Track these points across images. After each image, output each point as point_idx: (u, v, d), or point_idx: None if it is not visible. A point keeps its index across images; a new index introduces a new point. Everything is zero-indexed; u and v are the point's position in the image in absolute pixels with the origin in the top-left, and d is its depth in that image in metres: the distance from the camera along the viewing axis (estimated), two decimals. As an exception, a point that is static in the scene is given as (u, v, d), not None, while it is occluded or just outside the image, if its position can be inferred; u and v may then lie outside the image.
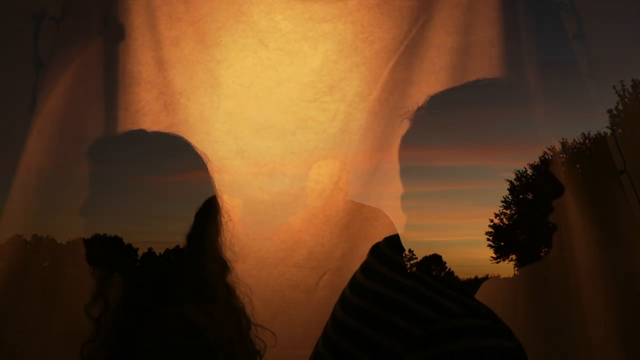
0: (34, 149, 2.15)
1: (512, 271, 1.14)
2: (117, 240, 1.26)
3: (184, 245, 1.25)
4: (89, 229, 1.26)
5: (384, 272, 1.04)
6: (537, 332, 2.17)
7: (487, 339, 0.87)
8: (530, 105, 1.13)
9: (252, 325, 1.35)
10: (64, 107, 2.24)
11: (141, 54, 2.36)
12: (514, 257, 1.06)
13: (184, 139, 1.36)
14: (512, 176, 1.01)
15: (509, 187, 1.01)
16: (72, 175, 2.06)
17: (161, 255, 1.27)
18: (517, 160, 1.02)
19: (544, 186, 1.05)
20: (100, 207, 1.28)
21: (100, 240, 1.26)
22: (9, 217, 2.09)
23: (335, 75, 2.38)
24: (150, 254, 1.27)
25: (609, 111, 2.54)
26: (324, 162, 2.38)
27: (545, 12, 2.50)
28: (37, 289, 2.19)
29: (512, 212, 1.02)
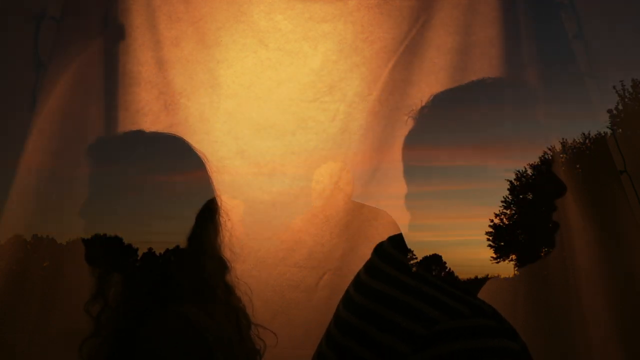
0: (34, 149, 2.14)
1: (512, 271, 1.14)
2: (117, 240, 1.26)
3: (184, 245, 1.25)
4: (89, 229, 1.26)
5: (388, 271, 1.04)
6: (537, 332, 2.17)
7: (492, 339, 0.87)
8: (530, 105, 1.13)
9: (253, 325, 1.35)
10: (64, 107, 2.23)
11: (141, 54, 2.35)
12: (514, 257, 1.06)
13: (183, 139, 1.37)
14: (512, 176, 1.01)
15: (509, 187, 1.01)
16: (72, 175, 2.06)
17: (161, 255, 1.27)
18: (517, 160, 1.02)
19: (544, 186, 1.05)
20: (100, 207, 1.28)
21: (100, 240, 1.26)
22: (9, 217, 2.09)
23: (335, 75, 2.38)
24: (150, 254, 1.27)
25: (609, 111, 2.55)
26: (330, 164, 2.38)
27: (545, 12, 2.50)
28: (37, 289, 2.19)
29: (512, 212, 1.02)
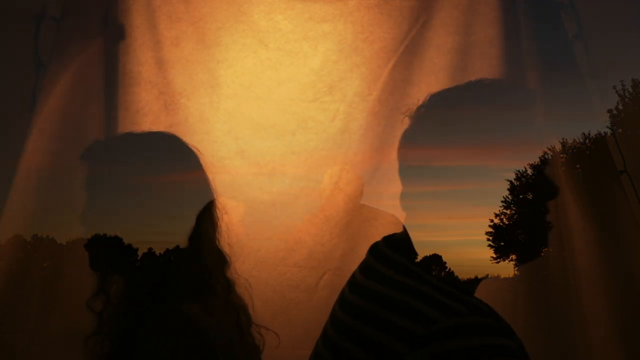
0: (33, 149, 2.15)
1: (512, 271, 1.14)
2: (117, 240, 1.26)
3: (184, 245, 1.25)
4: (88, 229, 1.26)
5: (383, 271, 1.03)
6: (537, 332, 2.17)
7: (489, 337, 0.87)
8: (530, 105, 1.13)
9: (253, 323, 1.35)
10: (64, 107, 2.24)
11: (141, 54, 2.36)
12: (514, 257, 1.06)
13: (182, 139, 1.37)
14: (512, 176, 1.01)
15: (509, 187, 1.01)
16: (72, 175, 2.05)
17: (161, 255, 1.27)
18: (517, 160, 1.02)
19: (543, 186, 1.05)
20: (100, 207, 1.29)
21: (100, 240, 1.26)
22: (9, 217, 2.09)
23: (335, 75, 2.38)
24: (150, 254, 1.27)
25: (609, 111, 2.55)
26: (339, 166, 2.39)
27: (545, 12, 2.50)
28: (37, 289, 2.19)
29: (512, 212, 1.02)
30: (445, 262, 1.05)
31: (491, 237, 1.03)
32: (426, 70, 2.38)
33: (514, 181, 1.01)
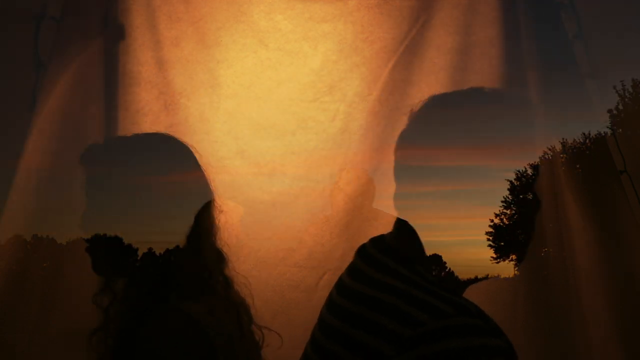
0: (33, 149, 2.14)
1: (512, 271, 1.14)
2: (117, 240, 1.26)
3: (184, 244, 1.26)
4: (88, 229, 1.26)
5: (370, 273, 1.03)
6: (537, 332, 2.16)
7: (477, 337, 0.87)
8: (530, 105, 1.13)
9: (254, 323, 1.36)
10: (64, 107, 2.23)
11: (141, 54, 2.35)
12: (514, 257, 1.06)
13: (182, 139, 1.37)
14: (512, 176, 1.01)
15: (509, 187, 1.01)
16: (72, 175, 2.05)
17: (161, 255, 1.27)
18: (517, 160, 1.02)
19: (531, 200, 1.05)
20: (100, 207, 1.29)
21: (100, 240, 1.26)
22: (9, 217, 2.09)
23: (335, 75, 2.38)
24: (150, 254, 1.27)
25: (609, 111, 2.54)
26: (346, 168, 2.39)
27: (545, 12, 2.50)
28: (37, 289, 2.18)
29: (512, 212, 1.02)
30: (445, 262, 1.05)
31: (491, 237, 1.03)
32: (426, 70, 2.38)
33: (514, 181, 1.01)
